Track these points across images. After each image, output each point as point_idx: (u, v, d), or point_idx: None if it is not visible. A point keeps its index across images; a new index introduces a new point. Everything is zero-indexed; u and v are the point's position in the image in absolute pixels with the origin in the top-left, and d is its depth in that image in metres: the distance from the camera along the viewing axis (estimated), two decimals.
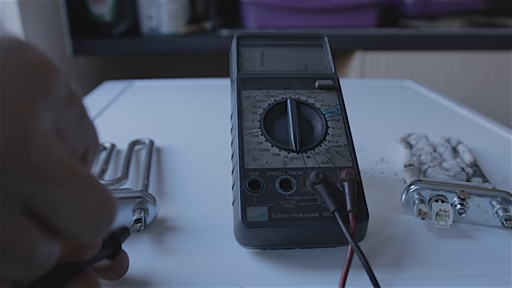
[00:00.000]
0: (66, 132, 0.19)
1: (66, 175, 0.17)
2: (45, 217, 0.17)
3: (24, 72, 0.17)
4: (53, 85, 0.18)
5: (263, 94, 0.33)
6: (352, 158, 0.31)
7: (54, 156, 0.17)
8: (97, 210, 0.18)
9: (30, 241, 0.16)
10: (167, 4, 1.05)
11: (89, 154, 0.22)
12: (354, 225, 0.26)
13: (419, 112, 0.67)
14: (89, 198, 0.18)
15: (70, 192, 0.17)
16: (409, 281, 0.28)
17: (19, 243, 0.16)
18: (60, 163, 0.17)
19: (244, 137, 0.31)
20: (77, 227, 0.18)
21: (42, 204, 0.16)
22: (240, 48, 0.35)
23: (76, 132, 0.20)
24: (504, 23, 1.18)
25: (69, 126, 0.20)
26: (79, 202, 0.17)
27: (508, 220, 0.31)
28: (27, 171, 0.16)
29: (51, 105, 0.18)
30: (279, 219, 0.27)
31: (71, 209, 0.17)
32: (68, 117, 0.20)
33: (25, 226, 0.16)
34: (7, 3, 0.80)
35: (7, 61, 0.17)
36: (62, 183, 0.17)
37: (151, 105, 0.70)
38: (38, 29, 0.89)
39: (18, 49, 0.18)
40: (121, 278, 0.26)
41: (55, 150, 0.17)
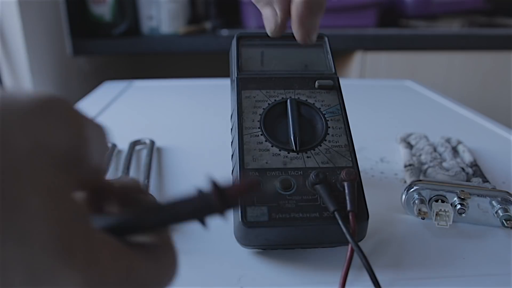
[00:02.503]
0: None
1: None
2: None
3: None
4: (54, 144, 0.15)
5: (263, 94, 0.33)
6: (352, 158, 0.31)
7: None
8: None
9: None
10: (167, 4, 1.05)
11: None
12: (354, 225, 0.26)
13: (419, 112, 0.67)
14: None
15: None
16: (409, 281, 0.28)
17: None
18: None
19: (244, 137, 0.31)
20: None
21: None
22: (240, 48, 0.35)
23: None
24: (504, 23, 1.18)
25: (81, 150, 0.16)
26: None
27: (508, 220, 0.31)
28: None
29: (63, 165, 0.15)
30: (279, 219, 0.27)
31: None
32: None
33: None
34: (7, 3, 0.80)
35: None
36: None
37: (151, 105, 0.70)
38: (38, 29, 0.89)
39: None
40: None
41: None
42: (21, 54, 0.83)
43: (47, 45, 0.93)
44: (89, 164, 0.17)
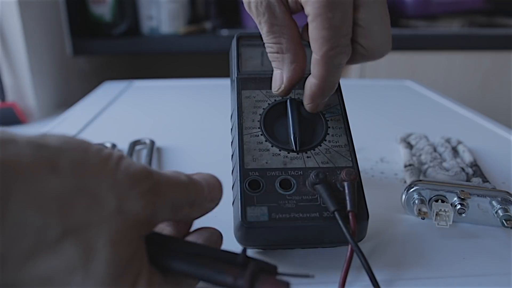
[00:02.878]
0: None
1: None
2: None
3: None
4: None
5: (263, 94, 0.33)
6: (352, 158, 0.31)
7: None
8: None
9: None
10: (167, 4, 1.05)
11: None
12: (354, 225, 0.26)
13: (419, 112, 0.67)
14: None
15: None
16: (409, 281, 0.28)
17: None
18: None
19: (244, 137, 0.31)
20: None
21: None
22: (240, 48, 0.35)
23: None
24: (504, 23, 1.18)
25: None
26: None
27: (508, 220, 0.31)
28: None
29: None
30: (279, 219, 0.27)
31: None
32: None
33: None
34: (7, 3, 0.80)
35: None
36: None
37: (151, 105, 0.70)
38: (38, 29, 0.89)
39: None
40: None
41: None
42: (21, 54, 0.83)
43: (47, 45, 0.93)
44: (162, 216, 0.22)
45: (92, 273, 0.18)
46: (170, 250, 0.22)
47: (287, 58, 0.29)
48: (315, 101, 0.30)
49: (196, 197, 0.24)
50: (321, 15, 0.26)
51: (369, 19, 0.27)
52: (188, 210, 0.23)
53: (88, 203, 0.19)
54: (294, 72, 0.30)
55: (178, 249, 0.22)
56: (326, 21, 0.26)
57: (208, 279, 0.21)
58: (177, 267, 0.22)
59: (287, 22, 0.29)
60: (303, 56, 0.30)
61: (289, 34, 0.29)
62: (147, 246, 0.22)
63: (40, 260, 0.17)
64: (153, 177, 0.21)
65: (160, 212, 0.22)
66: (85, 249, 0.18)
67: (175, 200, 0.22)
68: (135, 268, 0.20)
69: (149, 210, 0.21)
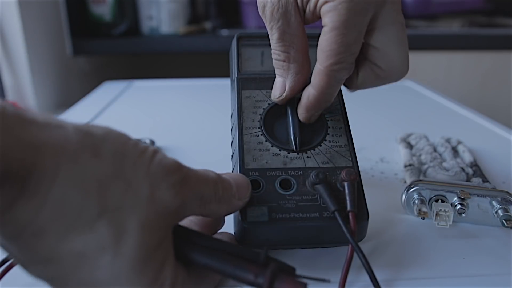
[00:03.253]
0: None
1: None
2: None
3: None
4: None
5: (263, 94, 0.33)
6: (352, 158, 0.31)
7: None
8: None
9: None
10: (167, 4, 1.05)
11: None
12: (354, 225, 0.26)
13: (419, 112, 0.67)
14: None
15: None
16: (409, 281, 0.28)
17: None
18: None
19: (244, 137, 0.31)
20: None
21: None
22: (240, 48, 0.35)
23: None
24: (504, 23, 1.18)
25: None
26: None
27: (508, 220, 0.31)
28: None
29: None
30: (279, 219, 0.27)
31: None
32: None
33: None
34: (7, 3, 0.80)
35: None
36: None
37: (151, 105, 0.70)
38: (38, 29, 0.89)
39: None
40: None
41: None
42: (21, 54, 0.83)
43: (47, 45, 0.93)
44: (190, 210, 0.24)
45: (121, 254, 0.20)
46: (195, 244, 0.23)
47: (292, 68, 0.30)
48: (309, 112, 0.30)
49: (224, 193, 0.25)
50: (337, 29, 0.26)
51: (385, 42, 0.28)
52: (216, 206, 0.25)
53: (124, 189, 0.20)
54: (297, 82, 0.30)
55: (202, 243, 0.23)
56: (339, 36, 0.26)
57: (230, 274, 0.22)
58: (201, 261, 0.23)
59: (300, 33, 0.29)
60: (308, 68, 0.30)
61: (299, 45, 0.29)
62: (174, 239, 0.23)
63: (76, 237, 0.19)
64: (183, 170, 0.23)
65: (189, 204, 0.23)
66: (117, 231, 0.20)
67: (203, 194, 0.24)
68: (161, 256, 0.21)
69: (178, 200, 0.22)
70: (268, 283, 0.21)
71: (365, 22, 0.27)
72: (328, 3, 0.26)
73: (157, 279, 0.21)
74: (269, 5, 0.28)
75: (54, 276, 0.20)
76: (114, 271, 0.19)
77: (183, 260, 0.23)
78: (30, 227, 0.18)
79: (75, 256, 0.19)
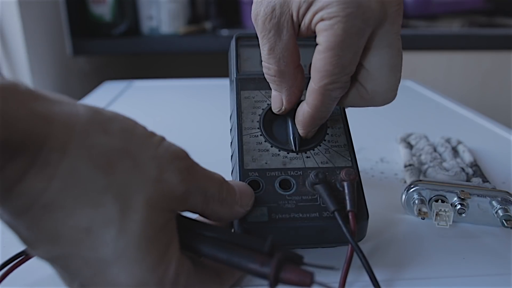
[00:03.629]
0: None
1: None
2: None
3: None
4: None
5: (262, 94, 0.33)
6: (352, 158, 0.30)
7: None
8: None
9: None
10: (167, 4, 1.05)
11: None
12: (354, 225, 0.26)
13: (419, 112, 0.67)
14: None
15: None
16: (409, 281, 0.28)
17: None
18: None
19: (243, 138, 0.31)
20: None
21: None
22: (239, 49, 0.35)
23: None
24: (504, 23, 1.18)
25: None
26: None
27: (508, 220, 0.31)
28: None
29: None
30: (279, 219, 0.27)
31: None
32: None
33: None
34: (7, 3, 0.80)
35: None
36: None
37: (151, 105, 0.70)
38: (38, 29, 0.89)
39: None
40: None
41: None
42: (21, 54, 0.83)
43: (47, 45, 0.93)
44: (193, 202, 0.23)
45: (126, 230, 0.20)
46: (199, 234, 0.23)
47: (285, 83, 0.29)
48: (306, 129, 0.30)
49: (228, 196, 0.25)
50: (333, 50, 0.25)
51: (377, 65, 0.27)
52: (218, 207, 0.25)
53: (131, 166, 0.21)
54: (293, 95, 0.29)
55: (206, 233, 0.23)
56: (335, 58, 0.25)
57: (235, 264, 0.22)
58: (205, 250, 0.23)
59: (291, 47, 0.27)
60: (302, 79, 0.29)
61: (289, 58, 0.28)
62: (178, 229, 0.23)
63: (83, 211, 0.19)
64: (190, 159, 0.24)
65: (193, 195, 0.23)
66: (123, 206, 0.20)
67: (208, 190, 0.24)
68: (166, 239, 0.21)
69: (183, 186, 0.22)
70: (274, 273, 0.21)
71: (361, 43, 0.25)
72: (324, 21, 0.25)
73: (161, 262, 0.21)
74: (262, 14, 0.26)
75: (59, 255, 0.20)
76: (118, 248, 0.20)
77: (188, 251, 0.23)
78: (40, 199, 0.18)
79: (81, 232, 0.19)
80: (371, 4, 0.24)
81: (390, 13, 0.25)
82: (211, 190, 0.24)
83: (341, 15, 0.24)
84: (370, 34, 0.26)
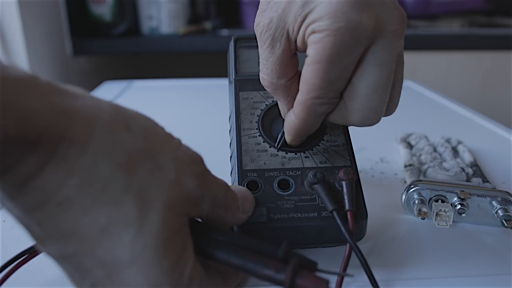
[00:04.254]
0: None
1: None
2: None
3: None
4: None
5: (261, 95, 0.33)
6: (350, 158, 0.30)
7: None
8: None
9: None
10: (167, 4, 1.05)
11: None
12: (352, 224, 0.26)
13: (419, 112, 0.67)
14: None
15: None
16: (409, 281, 0.27)
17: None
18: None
19: (242, 138, 0.31)
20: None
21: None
22: (238, 50, 0.35)
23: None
24: (504, 23, 1.18)
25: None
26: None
27: (508, 220, 0.31)
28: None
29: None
30: (278, 220, 0.27)
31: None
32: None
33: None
34: (7, 3, 0.80)
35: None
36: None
37: (151, 105, 0.70)
38: (38, 29, 0.89)
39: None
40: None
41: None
42: (21, 54, 0.83)
43: (47, 45, 0.93)
44: (205, 208, 0.23)
45: (145, 232, 0.19)
46: (212, 239, 0.23)
47: (279, 94, 0.28)
48: (292, 137, 0.29)
49: (232, 202, 0.25)
50: (320, 63, 0.24)
51: (363, 81, 0.25)
52: (223, 212, 0.24)
53: (152, 167, 0.20)
54: (291, 104, 0.28)
55: (219, 238, 0.23)
56: (322, 71, 0.24)
57: (249, 270, 0.22)
58: (219, 256, 0.22)
59: (284, 60, 0.27)
60: (296, 88, 0.27)
61: (281, 72, 0.27)
62: (192, 234, 0.22)
63: (101, 210, 0.18)
64: (205, 165, 0.24)
65: (205, 200, 0.23)
66: (142, 207, 0.19)
67: (216, 195, 0.24)
68: (181, 242, 0.21)
69: (199, 191, 0.22)
70: (290, 280, 0.21)
71: (351, 59, 0.24)
72: (315, 33, 0.24)
73: (176, 266, 0.20)
74: (261, 24, 0.26)
75: (71, 253, 0.19)
76: (135, 250, 0.19)
77: (201, 256, 0.23)
78: (56, 195, 0.18)
79: (98, 231, 0.18)
80: (363, 19, 0.23)
81: (388, 32, 0.24)
82: (219, 195, 0.24)
83: (331, 29, 0.23)
84: (364, 50, 0.24)
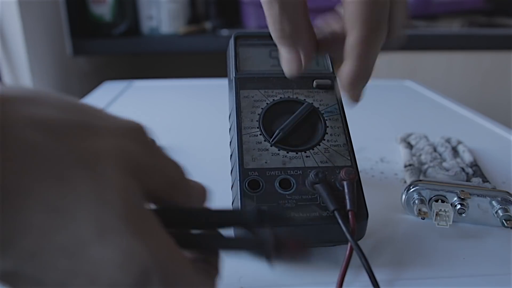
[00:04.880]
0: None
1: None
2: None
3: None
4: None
5: (261, 93, 0.33)
6: (351, 157, 0.30)
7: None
8: None
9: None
10: (167, 4, 1.05)
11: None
12: (353, 224, 0.26)
13: (419, 112, 0.67)
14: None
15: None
16: (409, 281, 0.27)
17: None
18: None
19: (243, 137, 0.31)
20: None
21: None
22: (238, 48, 0.35)
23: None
24: (504, 23, 1.18)
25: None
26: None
27: (508, 220, 0.31)
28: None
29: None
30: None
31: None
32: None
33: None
34: (7, 3, 0.80)
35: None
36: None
37: (151, 105, 0.70)
38: (38, 29, 0.89)
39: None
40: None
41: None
42: (21, 54, 0.83)
43: (47, 45, 0.93)
44: (158, 182, 0.21)
45: (105, 201, 0.17)
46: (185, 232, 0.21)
47: (303, 36, 0.28)
48: (357, 87, 0.29)
49: (188, 184, 0.23)
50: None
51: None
52: (178, 194, 0.22)
53: (93, 135, 0.19)
54: (312, 46, 0.29)
55: (193, 222, 0.22)
56: (374, 3, 0.25)
57: (231, 245, 0.21)
58: (199, 242, 0.21)
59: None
60: (313, 30, 0.29)
61: (303, 10, 0.27)
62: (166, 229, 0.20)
63: (51, 190, 0.16)
64: (151, 136, 0.23)
65: (156, 172, 0.21)
66: (96, 176, 0.17)
67: (167, 169, 0.22)
68: (147, 212, 0.19)
69: (148, 159, 0.21)
70: (274, 244, 0.20)
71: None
72: None
73: (150, 233, 0.18)
74: None
75: (28, 253, 0.16)
76: (98, 223, 0.16)
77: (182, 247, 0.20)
78: None
79: (50, 214, 0.16)
80: None
81: None
82: (171, 170, 0.22)
83: None
84: None
